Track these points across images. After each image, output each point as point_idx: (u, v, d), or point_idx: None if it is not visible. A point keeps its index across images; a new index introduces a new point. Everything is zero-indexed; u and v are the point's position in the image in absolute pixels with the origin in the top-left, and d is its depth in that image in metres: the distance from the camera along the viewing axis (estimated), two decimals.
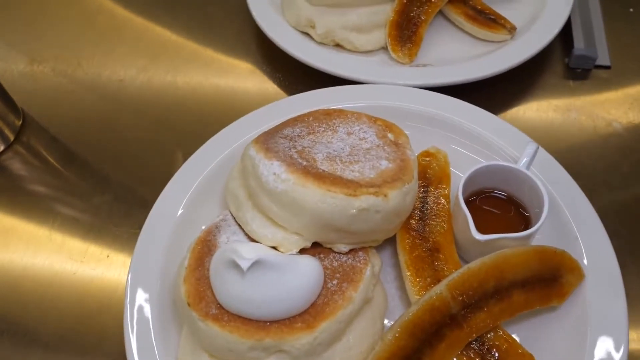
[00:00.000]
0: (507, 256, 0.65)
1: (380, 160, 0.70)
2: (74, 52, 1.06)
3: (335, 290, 0.63)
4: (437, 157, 0.80)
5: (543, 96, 0.95)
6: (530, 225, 0.71)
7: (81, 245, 0.80)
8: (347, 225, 0.63)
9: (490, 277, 0.64)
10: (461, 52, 0.97)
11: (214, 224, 0.71)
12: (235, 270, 0.60)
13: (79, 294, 0.75)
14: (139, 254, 0.71)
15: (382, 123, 0.76)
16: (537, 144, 0.75)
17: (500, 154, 0.80)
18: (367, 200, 0.63)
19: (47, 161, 0.93)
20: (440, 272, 0.69)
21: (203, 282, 0.64)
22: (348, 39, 0.96)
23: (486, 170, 0.72)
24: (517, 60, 0.91)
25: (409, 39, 0.96)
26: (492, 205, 0.74)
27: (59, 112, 0.97)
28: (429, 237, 0.72)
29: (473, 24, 0.97)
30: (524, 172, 0.70)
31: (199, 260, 0.66)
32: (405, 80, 0.89)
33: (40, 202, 0.86)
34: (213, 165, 0.81)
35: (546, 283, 0.67)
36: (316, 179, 0.63)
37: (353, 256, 0.67)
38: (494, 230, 0.68)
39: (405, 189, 0.67)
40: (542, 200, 0.68)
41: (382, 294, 0.69)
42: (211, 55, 1.05)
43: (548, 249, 0.67)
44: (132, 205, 0.84)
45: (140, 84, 1.01)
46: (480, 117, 0.84)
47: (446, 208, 0.75)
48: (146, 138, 0.93)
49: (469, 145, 0.82)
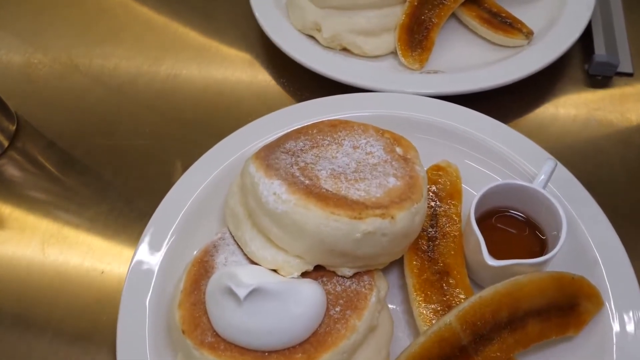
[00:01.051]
0: (521, 284, 0.61)
1: (387, 178, 0.66)
2: (71, 54, 1.03)
3: (339, 319, 0.60)
4: (447, 172, 0.76)
5: (560, 105, 0.91)
6: (546, 249, 0.67)
7: (76, 260, 0.77)
8: (352, 250, 0.60)
9: (504, 306, 0.60)
10: (475, 58, 0.92)
11: (212, 242, 0.68)
12: (232, 297, 0.56)
13: (71, 312, 0.72)
14: (133, 274, 0.68)
15: (390, 136, 0.72)
16: (556, 160, 0.71)
17: (515, 170, 0.76)
18: (373, 223, 0.59)
19: (44, 167, 0.90)
20: (450, 298, 0.65)
21: (199, 307, 0.61)
22: (355, 43, 0.92)
23: (500, 189, 0.68)
24: (534, 68, 0.87)
25: (419, 43, 0.91)
26: (506, 226, 0.70)
27: (55, 116, 0.94)
28: (439, 259, 0.68)
29: (488, 28, 0.93)
30: (542, 192, 0.66)
31: (195, 283, 0.63)
32: (415, 88, 0.85)
33: (35, 210, 0.83)
34: (213, 178, 0.77)
35: (563, 312, 0.63)
36: (319, 200, 0.59)
37: (358, 280, 0.63)
38: (507, 253, 0.65)
39: (414, 209, 0.63)
40: (560, 223, 0.64)
41: (387, 320, 0.65)
42: (213, 59, 1.01)
43: (565, 276, 0.63)
44: (128, 217, 0.81)
45: (139, 88, 0.97)
46: (494, 129, 0.79)
47: (457, 227, 0.71)
48: (145, 145, 0.89)
49: (481, 159, 0.78)
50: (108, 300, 0.72)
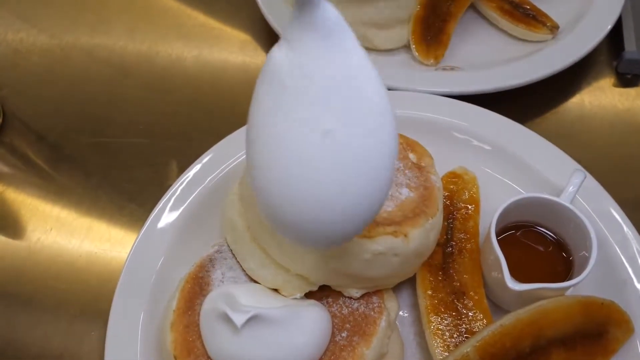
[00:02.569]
0: (546, 311, 0.56)
1: (400, 188, 0.61)
2: (61, 43, 0.97)
3: (345, 346, 0.55)
4: (464, 180, 0.70)
5: (586, 106, 0.85)
6: (572, 269, 0.62)
7: (65, 267, 0.72)
8: (360, 271, 0.55)
9: (527, 335, 0.55)
10: (495, 53, 0.86)
11: (208, 256, 0.63)
12: (229, 324, 0.51)
13: (55, 325, 0.68)
14: (123, 288, 0.63)
15: (403, 141, 0.67)
16: (585, 171, 0.65)
17: (539, 180, 0.70)
18: (384, 243, 0.54)
19: (34, 163, 0.85)
20: (466, 321, 0.60)
21: (192, 330, 0.56)
22: (365, 35, 0.86)
23: (523, 203, 0.62)
24: (560, 65, 0.81)
25: (435, 37, 0.85)
26: (528, 243, 0.64)
27: (44, 110, 0.89)
28: (454, 277, 0.63)
29: (509, 21, 0.87)
30: (570, 208, 0.60)
31: (189, 301, 0.58)
32: (430, 87, 0.79)
33: (26, 208, 0.78)
34: (210, 182, 0.72)
35: (590, 339, 0.58)
36: None
37: (366, 302, 0.58)
38: (529, 274, 0.60)
39: (429, 225, 0.58)
40: (590, 243, 0.58)
41: (398, 345, 0.60)
42: (212, 50, 0.96)
43: (594, 301, 0.58)
44: (120, 221, 0.76)
45: (132, 82, 0.92)
46: (517, 133, 0.73)
47: (474, 242, 0.65)
48: (138, 142, 0.84)
49: (502, 167, 0.73)
50: (97, 313, 0.67)
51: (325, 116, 0.37)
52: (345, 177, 0.38)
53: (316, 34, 0.36)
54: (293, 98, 0.37)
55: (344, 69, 0.37)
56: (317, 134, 0.37)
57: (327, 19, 0.36)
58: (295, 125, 0.37)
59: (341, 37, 0.37)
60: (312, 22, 0.36)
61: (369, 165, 0.38)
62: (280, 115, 0.38)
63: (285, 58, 0.37)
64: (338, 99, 0.37)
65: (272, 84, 0.38)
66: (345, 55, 0.37)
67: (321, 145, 0.37)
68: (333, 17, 0.36)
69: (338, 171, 0.37)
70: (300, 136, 0.37)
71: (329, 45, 0.37)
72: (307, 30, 0.36)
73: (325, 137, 0.37)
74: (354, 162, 0.38)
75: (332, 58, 0.37)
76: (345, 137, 0.37)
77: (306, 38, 0.37)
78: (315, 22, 0.36)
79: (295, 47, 0.37)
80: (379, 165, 0.39)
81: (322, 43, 0.37)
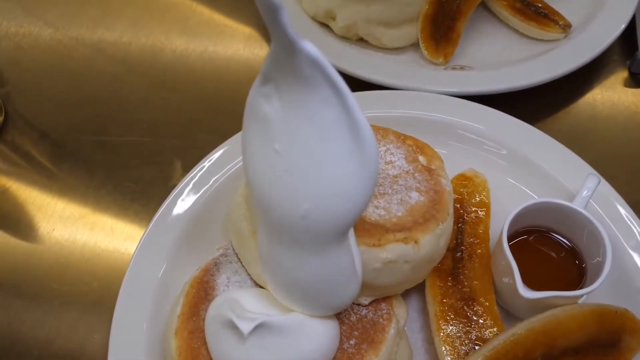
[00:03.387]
0: (559, 320, 0.55)
1: (410, 192, 0.60)
2: (64, 39, 0.95)
3: (353, 354, 0.54)
4: (475, 182, 0.69)
5: (598, 107, 0.83)
6: (585, 276, 0.60)
7: (68, 269, 0.71)
8: (370, 280, 0.53)
9: (539, 344, 0.54)
10: (505, 52, 0.85)
11: (213, 260, 0.62)
12: (235, 331, 0.50)
13: (59, 327, 0.67)
14: (125, 292, 0.61)
15: (412, 143, 0.65)
16: (599, 176, 0.63)
17: (551, 183, 0.69)
18: (394, 250, 0.53)
19: (37, 161, 0.84)
20: (476, 328, 0.59)
21: (197, 336, 0.55)
22: (373, 34, 0.85)
23: (536, 208, 0.61)
24: (572, 65, 0.79)
25: (445, 35, 0.83)
26: (540, 248, 0.63)
27: (46, 108, 0.87)
28: (464, 283, 0.62)
29: (521, 19, 0.85)
30: (584, 214, 0.59)
31: (194, 307, 0.57)
32: (439, 86, 0.78)
33: (28, 208, 0.77)
34: (216, 183, 0.70)
35: (603, 349, 0.57)
36: None
37: (374, 309, 0.57)
38: (540, 280, 0.59)
39: (440, 230, 0.57)
40: (603, 249, 0.57)
41: (406, 351, 0.59)
42: (219, 47, 0.94)
43: (608, 310, 0.57)
44: (123, 221, 0.75)
45: (136, 79, 0.90)
46: (529, 136, 0.72)
47: (485, 246, 0.64)
48: (141, 140, 0.83)
49: (513, 169, 0.71)
50: (100, 316, 0.66)
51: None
52: None
53: (298, 81, 0.38)
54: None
55: (318, 128, 0.40)
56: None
57: (308, 63, 0.37)
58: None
59: (319, 83, 0.39)
60: (295, 66, 0.37)
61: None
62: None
63: (272, 111, 0.41)
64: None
65: (263, 135, 0.43)
66: (321, 107, 0.39)
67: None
68: (314, 58, 0.37)
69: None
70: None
71: (308, 96, 0.39)
72: (290, 74, 0.38)
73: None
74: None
75: (308, 115, 0.40)
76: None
77: (289, 86, 0.39)
78: (298, 67, 0.37)
79: (282, 95, 0.40)
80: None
81: (302, 95, 0.39)
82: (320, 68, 0.37)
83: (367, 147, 0.40)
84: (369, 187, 0.42)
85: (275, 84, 0.40)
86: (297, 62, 0.37)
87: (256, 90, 0.41)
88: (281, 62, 0.38)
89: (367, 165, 0.41)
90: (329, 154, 0.40)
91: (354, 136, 0.40)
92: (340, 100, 0.39)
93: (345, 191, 0.41)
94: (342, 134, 0.40)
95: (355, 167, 0.41)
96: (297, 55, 0.36)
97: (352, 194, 0.42)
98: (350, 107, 0.39)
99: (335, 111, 0.39)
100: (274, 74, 0.39)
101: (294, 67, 0.37)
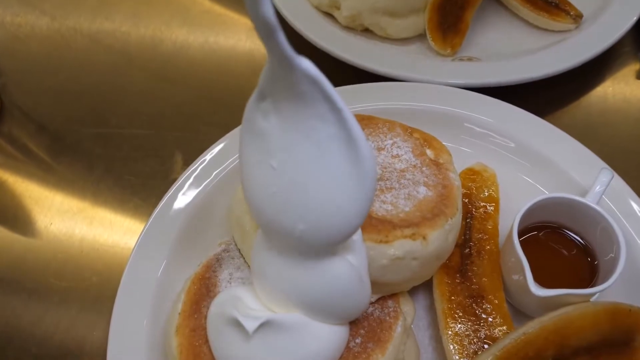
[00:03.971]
0: (571, 318, 0.53)
1: (417, 187, 0.58)
2: (61, 28, 0.93)
3: (359, 353, 0.52)
4: (483, 177, 0.67)
5: (609, 100, 0.81)
6: (597, 273, 0.59)
7: (66, 264, 0.70)
8: (377, 277, 0.52)
9: (550, 344, 0.52)
10: (515, 44, 0.84)
11: (215, 255, 0.60)
12: (239, 329, 0.49)
13: (57, 324, 0.65)
14: (125, 289, 0.60)
15: (419, 136, 0.64)
16: (612, 170, 0.62)
17: (562, 178, 0.67)
18: (402, 247, 0.51)
19: (35, 154, 0.82)
20: (485, 326, 0.57)
21: (199, 334, 0.54)
22: (379, 24, 0.83)
23: (547, 203, 0.59)
24: (583, 57, 0.77)
25: (452, 25, 0.82)
26: (551, 245, 0.61)
27: (44, 99, 0.86)
28: (473, 280, 0.60)
29: (531, 9, 0.83)
30: (597, 209, 0.57)
31: (195, 304, 0.56)
32: (446, 78, 0.76)
33: (25, 201, 0.76)
34: (217, 176, 0.68)
35: (616, 348, 0.55)
36: None
37: (381, 306, 0.56)
38: (551, 277, 0.57)
39: (448, 226, 0.55)
40: (617, 246, 0.55)
41: (413, 350, 0.57)
42: (221, 38, 0.92)
43: (621, 308, 0.55)
44: (123, 215, 0.74)
45: (135, 70, 0.89)
46: (539, 129, 0.70)
47: (494, 242, 0.63)
48: (142, 133, 0.81)
49: (522, 163, 0.70)
50: (99, 312, 0.65)
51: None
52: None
53: (295, 97, 0.38)
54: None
55: (315, 145, 0.39)
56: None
57: (304, 80, 0.37)
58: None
59: (316, 99, 0.38)
60: (292, 83, 0.37)
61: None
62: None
63: (269, 127, 0.40)
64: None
65: (260, 150, 0.42)
66: (318, 123, 0.39)
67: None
68: (311, 75, 0.37)
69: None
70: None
71: (305, 112, 0.38)
72: (287, 91, 0.38)
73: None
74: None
75: (305, 131, 0.39)
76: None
77: (286, 103, 0.38)
78: (295, 84, 0.37)
79: (280, 111, 0.39)
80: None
81: (299, 111, 0.38)
82: (317, 84, 0.37)
83: (365, 165, 0.40)
84: (365, 206, 0.42)
85: (273, 100, 0.39)
86: (294, 78, 0.37)
87: (253, 106, 0.41)
88: (278, 78, 0.38)
89: (364, 183, 0.41)
90: (325, 172, 0.40)
91: (351, 153, 0.39)
92: (337, 116, 0.38)
93: (341, 210, 0.41)
94: (339, 151, 0.39)
95: (352, 185, 0.40)
96: (294, 72, 0.36)
97: (348, 212, 0.41)
98: (348, 123, 0.38)
99: (332, 128, 0.39)
100: (271, 90, 0.39)
101: (291, 83, 0.37)
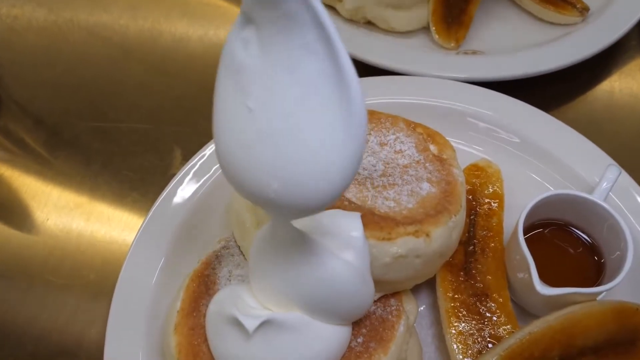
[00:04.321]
0: (577, 318, 0.52)
1: (420, 183, 0.57)
2: (58, 20, 0.92)
3: (361, 353, 0.51)
4: (488, 173, 0.66)
5: (616, 95, 0.80)
6: (603, 271, 0.58)
7: (63, 260, 0.69)
8: (379, 275, 0.51)
9: (556, 344, 0.51)
10: (520, 37, 0.82)
11: (214, 252, 0.59)
12: (239, 328, 0.48)
13: (54, 323, 0.64)
14: (122, 286, 0.59)
15: (423, 131, 0.63)
16: (620, 167, 0.61)
17: (568, 175, 0.66)
18: (405, 245, 0.50)
19: (32, 149, 0.81)
20: (489, 325, 0.56)
21: (198, 333, 0.53)
22: (382, 16, 0.82)
23: (553, 200, 0.58)
24: (589, 51, 0.77)
25: (456, 18, 0.81)
26: (556, 242, 0.60)
27: (41, 93, 0.85)
28: (477, 278, 0.59)
29: (536, 2, 0.82)
30: (604, 207, 0.56)
31: (194, 302, 0.55)
32: (450, 72, 0.75)
33: (22, 196, 0.75)
34: (217, 172, 0.68)
35: (622, 348, 0.54)
36: None
37: (383, 305, 0.55)
38: (557, 275, 0.56)
39: (452, 223, 0.54)
40: (624, 244, 0.54)
41: (416, 349, 0.57)
42: (221, 30, 0.91)
43: (628, 307, 0.54)
44: (121, 209, 0.73)
45: (134, 63, 0.87)
46: (545, 125, 0.70)
47: (498, 240, 0.62)
48: (140, 127, 0.81)
49: (527, 160, 0.69)
50: (96, 309, 0.64)
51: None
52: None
53: (282, 19, 0.32)
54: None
55: (299, 82, 0.34)
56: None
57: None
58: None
59: (305, 22, 0.32)
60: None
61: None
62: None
63: (249, 58, 0.34)
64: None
65: (237, 89, 0.36)
66: (305, 55, 0.33)
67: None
68: None
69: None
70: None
71: (291, 39, 0.33)
72: (273, 10, 0.32)
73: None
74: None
75: (290, 64, 0.33)
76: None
77: (271, 28, 0.33)
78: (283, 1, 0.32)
79: (262, 39, 0.33)
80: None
81: (285, 39, 0.33)
82: (307, 2, 0.32)
83: (355, 111, 0.34)
84: (352, 162, 0.35)
85: (256, 26, 0.33)
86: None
87: (234, 34, 0.35)
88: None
89: (353, 133, 0.34)
90: (308, 118, 0.34)
91: (340, 97, 0.33)
92: (327, 48, 0.33)
93: (324, 166, 0.34)
94: (326, 93, 0.33)
95: (338, 137, 0.34)
96: None
97: (332, 169, 0.35)
98: (339, 58, 0.33)
99: (320, 62, 0.33)
100: (255, 12, 0.33)
101: (278, 1, 0.31)
